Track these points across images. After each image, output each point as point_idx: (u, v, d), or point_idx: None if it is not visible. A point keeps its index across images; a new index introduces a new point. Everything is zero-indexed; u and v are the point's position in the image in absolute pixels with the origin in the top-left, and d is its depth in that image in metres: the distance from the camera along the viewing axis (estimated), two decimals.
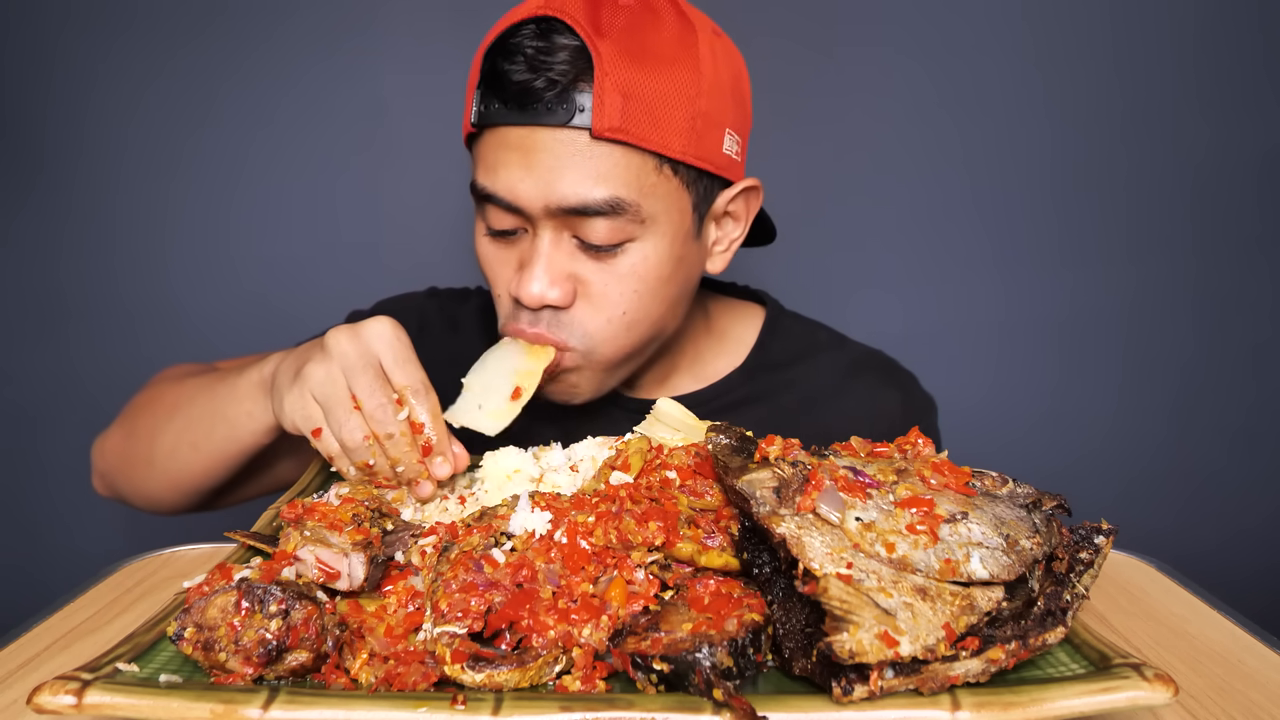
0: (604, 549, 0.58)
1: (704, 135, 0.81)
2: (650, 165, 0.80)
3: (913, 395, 1.05)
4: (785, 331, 1.06)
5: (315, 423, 0.74)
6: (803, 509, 0.54)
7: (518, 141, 0.79)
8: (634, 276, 0.83)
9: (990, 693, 0.47)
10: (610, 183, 0.78)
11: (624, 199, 0.79)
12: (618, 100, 0.76)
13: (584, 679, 0.51)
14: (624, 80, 0.76)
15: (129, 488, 0.99)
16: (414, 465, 0.74)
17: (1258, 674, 0.64)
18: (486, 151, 0.82)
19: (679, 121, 0.79)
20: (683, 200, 0.84)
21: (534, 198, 0.79)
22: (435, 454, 0.74)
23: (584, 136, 0.77)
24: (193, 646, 0.50)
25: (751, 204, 0.93)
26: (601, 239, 0.81)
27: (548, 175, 0.78)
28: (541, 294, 0.81)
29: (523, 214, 0.81)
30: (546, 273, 0.82)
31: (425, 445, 0.74)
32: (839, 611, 0.47)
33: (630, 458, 0.67)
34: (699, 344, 1.03)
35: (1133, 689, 0.46)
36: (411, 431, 0.73)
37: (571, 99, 0.76)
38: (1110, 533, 0.59)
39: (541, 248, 0.82)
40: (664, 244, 0.83)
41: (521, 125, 0.79)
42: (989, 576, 0.52)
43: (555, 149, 0.78)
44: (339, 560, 0.56)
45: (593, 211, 0.79)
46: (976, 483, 0.60)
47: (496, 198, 0.81)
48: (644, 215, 0.81)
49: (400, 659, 0.51)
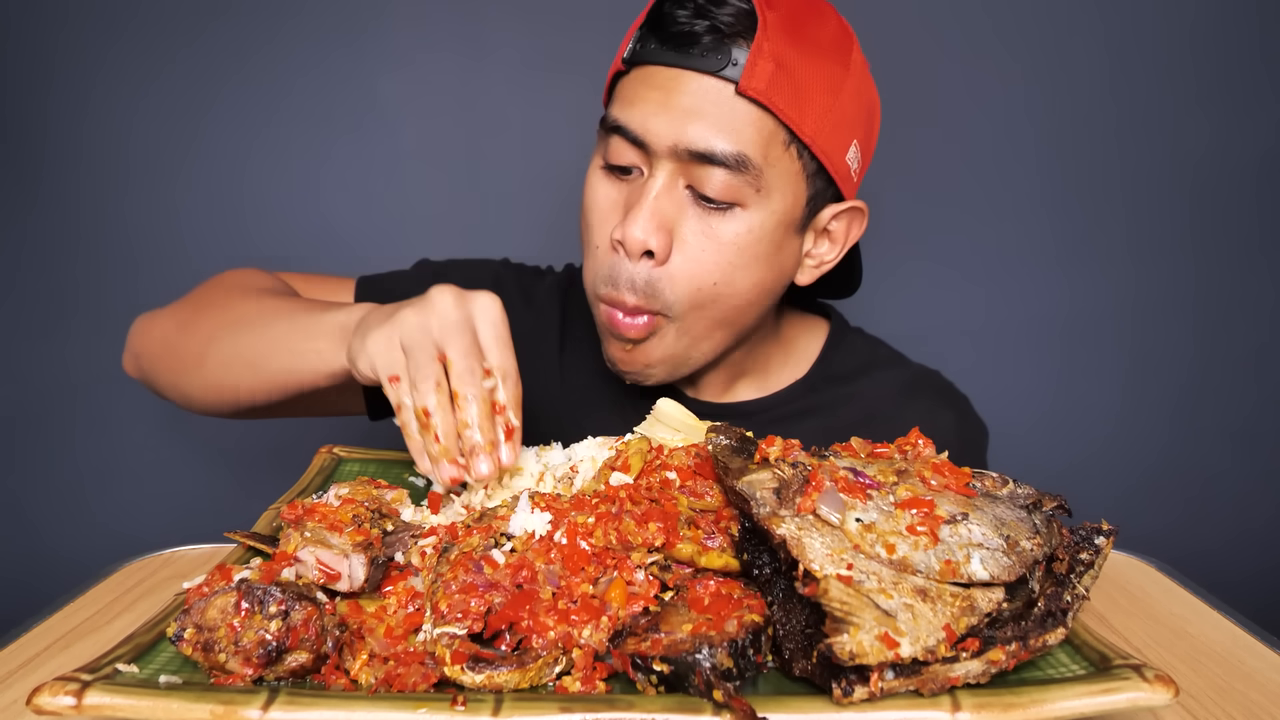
0: (604, 550, 0.58)
1: (835, 131, 0.83)
2: (781, 138, 0.82)
3: (967, 419, 1.05)
4: (849, 346, 1.06)
5: (395, 369, 0.69)
6: (803, 510, 0.54)
7: (664, 81, 0.81)
8: (734, 245, 0.83)
9: (991, 694, 0.47)
10: (742, 138, 0.80)
11: (751, 158, 0.80)
12: (770, 66, 0.78)
13: (584, 680, 0.51)
14: (780, 50, 0.79)
15: (166, 378, 0.97)
16: (487, 433, 0.68)
17: (1258, 674, 0.64)
18: (629, 88, 0.84)
19: (818, 108, 0.81)
20: (800, 187, 0.85)
21: (664, 134, 0.81)
22: (508, 440, 0.70)
23: (729, 89, 0.79)
24: (192, 647, 0.50)
25: (852, 229, 0.93)
26: (717, 192, 0.81)
27: (683, 116, 0.80)
28: (645, 238, 0.81)
29: (646, 150, 0.82)
30: (653, 216, 0.82)
31: (507, 428, 0.70)
32: (839, 613, 0.47)
33: (630, 458, 0.67)
34: (768, 351, 1.03)
35: (1133, 690, 0.46)
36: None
37: (727, 51, 0.79)
38: (1110, 533, 0.59)
39: (653, 187, 0.82)
40: (771, 222, 0.84)
41: (672, 66, 0.81)
42: (989, 577, 0.52)
43: (698, 93, 0.80)
44: (339, 561, 0.56)
45: (717, 160, 0.80)
46: (976, 483, 0.60)
47: (626, 129, 0.83)
48: (762, 184, 0.82)
49: (400, 660, 0.51)
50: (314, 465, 0.87)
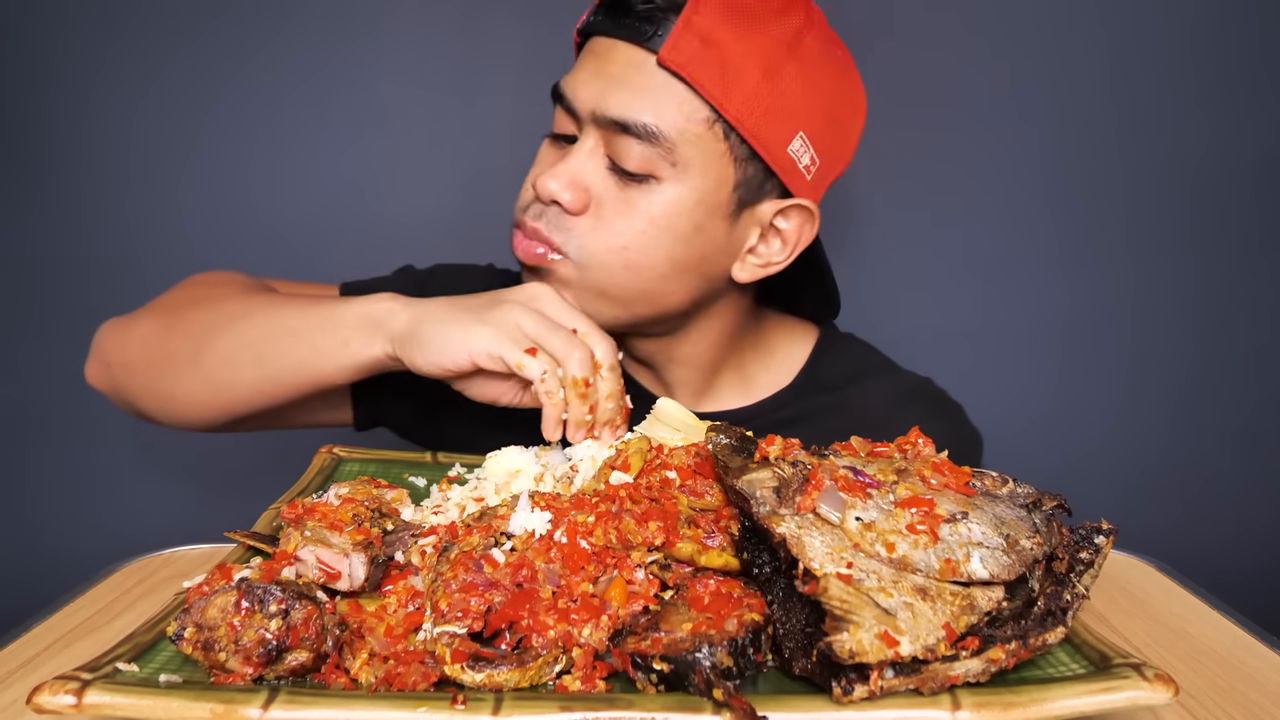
0: (604, 549, 0.58)
1: (768, 115, 0.82)
2: (703, 115, 0.81)
3: (960, 428, 1.04)
4: (838, 353, 1.05)
5: (528, 343, 0.74)
6: (803, 509, 0.54)
7: (601, 50, 0.84)
8: (646, 215, 0.84)
9: (990, 693, 0.47)
10: (657, 110, 0.81)
11: (663, 131, 0.81)
12: (695, 41, 0.79)
13: (584, 679, 0.51)
14: (710, 25, 0.79)
15: (145, 384, 0.89)
16: (619, 405, 0.78)
17: (1258, 674, 0.64)
18: (578, 60, 0.88)
19: (747, 88, 0.80)
20: (724, 168, 0.84)
21: (586, 100, 0.83)
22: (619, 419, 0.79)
23: (651, 60, 0.81)
24: (193, 646, 0.50)
25: (803, 232, 0.90)
26: (632, 165, 0.82)
27: (607, 83, 0.82)
28: (558, 191, 0.83)
29: (576, 117, 0.85)
30: (569, 173, 0.84)
31: (625, 409, 0.79)
32: (839, 611, 0.47)
33: (630, 458, 0.67)
34: (744, 357, 1.01)
35: (1133, 689, 0.46)
36: None
37: (658, 22, 0.80)
38: (1110, 533, 0.59)
39: (578, 152, 0.85)
40: (689, 198, 0.84)
41: (608, 36, 0.84)
42: (989, 576, 0.52)
43: (624, 64, 0.82)
44: (339, 560, 0.56)
45: (632, 130, 0.81)
46: (976, 483, 0.60)
47: (562, 96, 0.86)
48: (678, 159, 0.82)
49: (400, 659, 0.51)
50: (314, 465, 0.87)
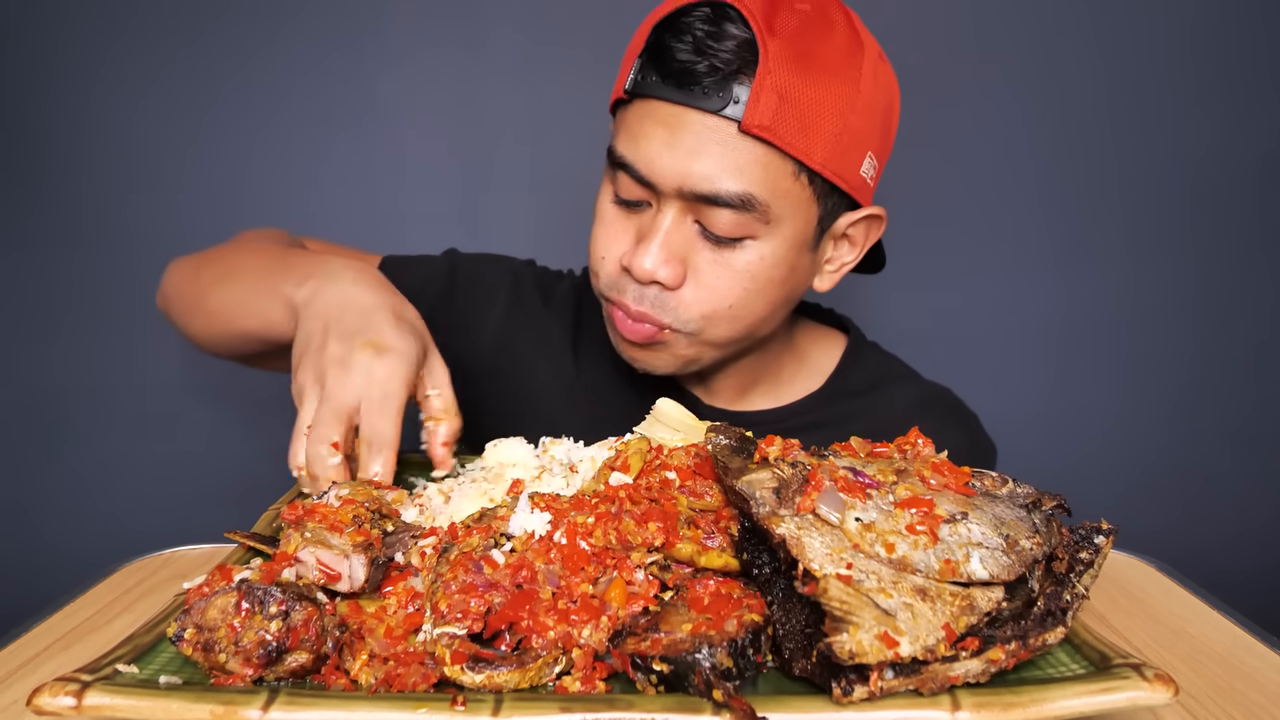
0: (604, 550, 0.58)
1: (847, 152, 0.82)
2: (789, 170, 0.80)
3: (976, 437, 1.05)
4: (864, 361, 1.07)
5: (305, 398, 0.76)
6: (802, 509, 0.54)
7: (666, 117, 0.80)
8: (747, 274, 0.84)
9: (990, 693, 0.47)
10: (746, 178, 0.79)
11: (756, 196, 0.80)
12: (773, 101, 0.77)
13: (584, 680, 0.51)
14: (784, 82, 0.77)
15: (177, 319, 1.03)
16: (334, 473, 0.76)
17: (1258, 674, 0.64)
18: (633, 121, 0.84)
19: (827, 134, 0.80)
20: (811, 210, 0.84)
21: (669, 175, 0.80)
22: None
23: (732, 127, 0.78)
24: (193, 647, 0.50)
25: (871, 232, 0.93)
26: (724, 230, 0.81)
27: (687, 157, 0.79)
28: (654, 269, 0.82)
29: (653, 189, 0.83)
30: (662, 249, 0.83)
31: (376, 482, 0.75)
32: (839, 612, 0.47)
33: (630, 458, 0.67)
34: (781, 362, 1.03)
35: (1133, 689, 0.46)
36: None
37: (729, 88, 0.77)
38: (1110, 533, 0.59)
39: (663, 224, 0.83)
40: (783, 248, 0.84)
41: (674, 103, 0.80)
42: (989, 577, 0.52)
43: (701, 133, 0.79)
44: (340, 562, 0.56)
45: (723, 202, 0.80)
46: (976, 483, 0.60)
47: (632, 168, 0.83)
48: (771, 216, 0.82)
49: (400, 660, 0.51)
50: None
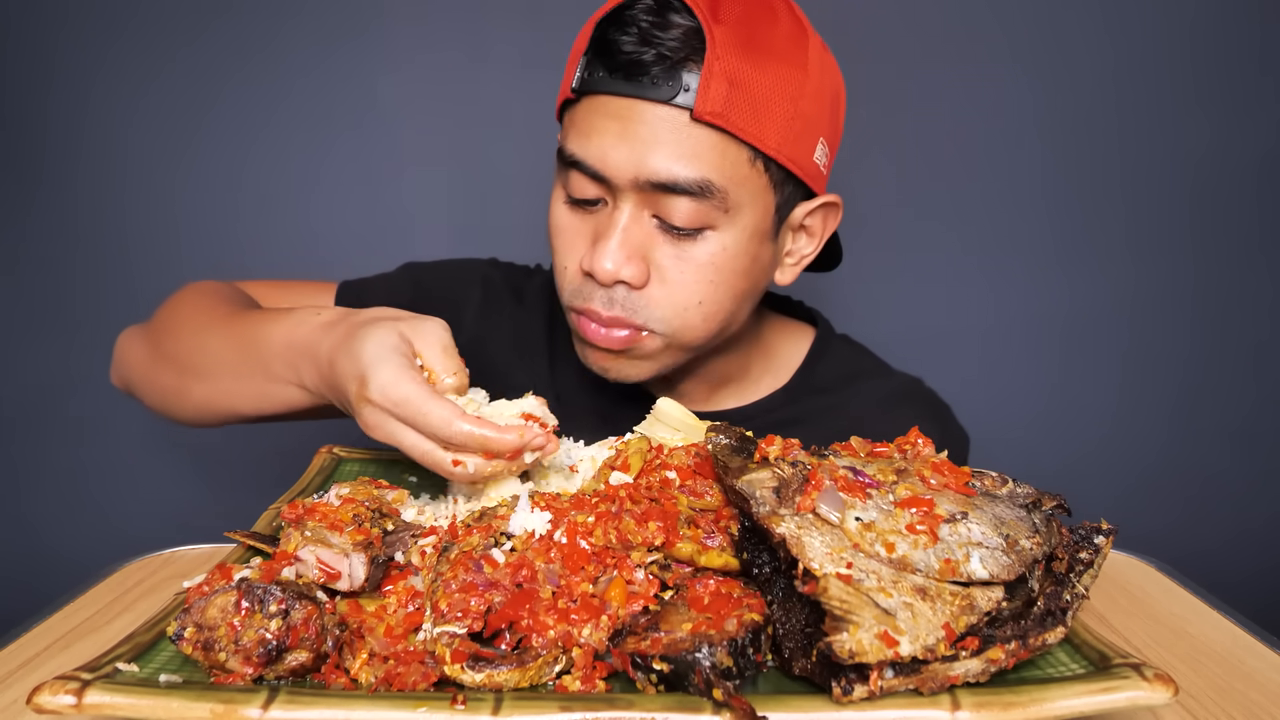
0: (604, 549, 0.58)
1: (800, 137, 0.82)
2: (744, 156, 0.80)
3: (949, 427, 1.05)
4: (832, 355, 1.06)
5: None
6: (802, 509, 0.54)
7: (617, 111, 0.79)
8: (711, 266, 0.83)
9: (990, 693, 0.47)
10: (702, 164, 0.79)
11: (714, 182, 0.79)
12: (723, 87, 0.77)
13: (584, 679, 0.51)
14: (732, 68, 0.77)
15: (151, 403, 0.99)
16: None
17: (1258, 674, 0.64)
18: (581, 118, 0.83)
19: (778, 118, 0.80)
20: (768, 198, 0.84)
21: (624, 168, 0.79)
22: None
23: (684, 116, 0.78)
24: (193, 646, 0.50)
25: (828, 222, 0.93)
26: (683, 220, 0.81)
27: (642, 147, 0.78)
28: (616, 269, 0.81)
29: (608, 184, 0.81)
30: (622, 247, 0.81)
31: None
32: (839, 611, 0.47)
33: (630, 458, 0.67)
34: (749, 359, 1.02)
35: (1133, 689, 0.46)
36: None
37: (678, 77, 0.77)
38: (1110, 533, 0.59)
39: (620, 220, 0.82)
40: (743, 238, 0.83)
41: (623, 96, 0.79)
42: (989, 576, 0.52)
43: (654, 123, 0.78)
44: (340, 560, 0.56)
45: (680, 189, 0.79)
46: (976, 483, 0.60)
47: (584, 164, 0.81)
48: (729, 204, 0.81)
49: (400, 659, 0.51)
50: (314, 465, 0.87)
